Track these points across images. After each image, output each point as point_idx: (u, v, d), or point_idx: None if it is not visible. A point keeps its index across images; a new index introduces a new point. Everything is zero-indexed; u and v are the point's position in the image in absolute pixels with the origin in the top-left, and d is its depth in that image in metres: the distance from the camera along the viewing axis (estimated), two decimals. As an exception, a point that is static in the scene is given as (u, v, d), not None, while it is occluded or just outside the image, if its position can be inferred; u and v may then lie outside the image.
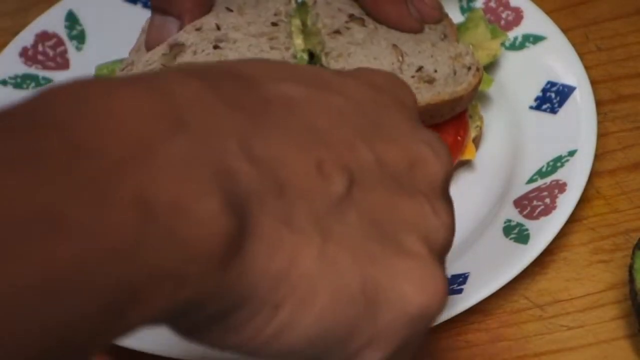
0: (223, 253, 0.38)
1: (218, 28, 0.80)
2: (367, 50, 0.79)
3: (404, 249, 0.44)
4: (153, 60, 0.78)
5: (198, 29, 0.80)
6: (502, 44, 0.85)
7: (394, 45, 0.80)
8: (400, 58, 0.79)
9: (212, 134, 0.40)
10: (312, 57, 0.82)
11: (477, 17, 0.85)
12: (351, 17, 0.82)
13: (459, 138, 0.78)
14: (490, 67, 0.85)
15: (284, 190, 0.41)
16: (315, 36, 0.82)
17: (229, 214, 0.38)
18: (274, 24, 0.80)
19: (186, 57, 0.77)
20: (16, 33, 0.89)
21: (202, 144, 0.39)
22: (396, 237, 0.44)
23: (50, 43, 0.89)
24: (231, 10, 0.81)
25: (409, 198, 0.45)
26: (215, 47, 0.78)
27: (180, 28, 0.79)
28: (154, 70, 0.44)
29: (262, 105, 0.43)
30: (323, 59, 0.79)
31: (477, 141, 0.82)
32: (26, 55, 0.88)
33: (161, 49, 0.79)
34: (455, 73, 0.78)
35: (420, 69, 0.78)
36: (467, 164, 0.81)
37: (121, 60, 0.81)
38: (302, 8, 0.84)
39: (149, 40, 0.80)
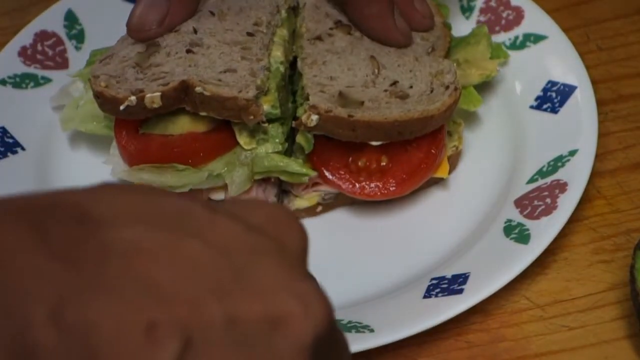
0: None
1: (195, 32, 0.79)
2: (343, 60, 0.79)
3: None
4: (129, 57, 0.78)
5: (176, 31, 0.80)
6: (501, 54, 0.85)
7: (372, 57, 0.79)
8: (376, 71, 0.78)
9: (19, 300, 0.38)
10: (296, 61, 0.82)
11: (481, 34, 0.84)
12: (338, 23, 0.82)
13: (432, 151, 0.77)
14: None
15: (95, 357, 0.38)
16: (300, 39, 0.82)
17: None
18: (250, 34, 0.79)
19: (160, 58, 0.77)
20: (15, 32, 0.89)
21: (2, 314, 0.37)
22: None
23: (49, 42, 0.89)
24: (213, 14, 0.81)
25: None
26: (188, 51, 0.78)
27: (168, 9, 0.79)
28: None
29: (98, 256, 0.40)
30: (299, 63, 0.79)
31: (453, 161, 0.81)
32: (25, 54, 0.88)
33: (137, 47, 0.79)
34: (432, 91, 0.77)
35: (394, 83, 0.77)
36: (439, 182, 0.80)
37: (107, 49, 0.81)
38: (291, 16, 0.83)
39: (136, 18, 0.79)
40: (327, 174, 0.77)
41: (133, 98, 0.74)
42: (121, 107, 0.74)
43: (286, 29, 0.82)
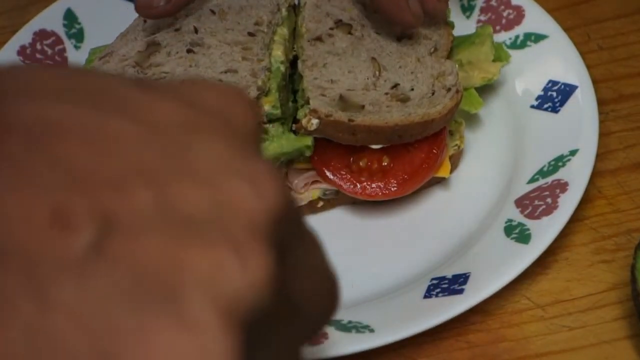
0: None
1: (196, 31, 0.79)
2: (343, 62, 0.79)
3: (179, 317, 0.32)
4: (129, 55, 0.78)
5: (177, 30, 0.79)
6: (503, 55, 0.84)
7: (373, 59, 0.79)
8: (377, 73, 0.78)
9: None
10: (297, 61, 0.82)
11: (485, 34, 0.84)
12: (338, 23, 0.82)
13: (431, 155, 0.77)
14: (491, 66, 0.84)
15: None
16: (300, 38, 0.82)
17: None
18: (251, 34, 0.79)
19: (160, 58, 0.77)
20: (14, 32, 0.89)
21: None
22: (173, 300, 0.32)
23: (48, 41, 0.89)
24: (214, 13, 0.81)
25: (203, 247, 0.33)
26: (189, 50, 0.78)
27: None
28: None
29: (1, 134, 0.34)
30: (299, 65, 0.79)
31: (455, 160, 0.81)
32: (24, 54, 0.88)
33: (137, 45, 0.79)
34: (433, 93, 0.77)
35: (395, 86, 0.77)
36: (441, 181, 0.80)
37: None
38: (292, 14, 0.83)
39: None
40: (328, 174, 0.77)
41: None
42: None
43: (286, 28, 0.82)
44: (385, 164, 0.77)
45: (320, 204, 0.79)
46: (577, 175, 0.75)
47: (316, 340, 0.68)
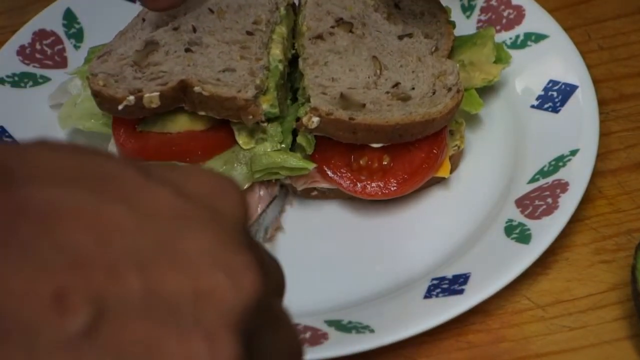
0: None
1: (194, 30, 0.79)
2: (345, 60, 0.78)
3: None
4: (127, 54, 0.78)
5: (175, 29, 0.79)
6: (503, 56, 0.84)
7: (374, 58, 0.79)
8: (378, 72, 0.78)
9: None
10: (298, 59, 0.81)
11: (488, 36, 0.84)
12: (339, 21, 0.82)
13: (434, 151, 0.77)
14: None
15: None
16: (301, 37, 0.82)
17: None
18: (249, 33, 0.79)
19: (158, 57, 0.77)
20: (14, 31, 0.89)
21: None
22: None
23: (48, 41, 0.89)
24: (212, 12, 0.81)
25: (179, 336, 0.37)
26: (187, 50, 0.77)
27: None
28: None
29: (11, 217, 0.37)
30: (300, 63, 0.78)
31: (455, 160, 0.81)
32: (24, 53, 0.88)
33: (136, 44, 0.79)
34: (434, 92, 0.76)
35: (396, 85, 0.77)
36: (440, 181, 0.80)
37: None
38: (290, 13, 0.83)
39: None
40: (328, 172, 0.77)
41: (131, 97, 0.74)
42: (119, 107, 0.74)
43: (285, 27, 0.82)
44: (386, 163, 0.76)
45: (314, 192, 0.79)
46: (578, 175, 0.75)
47: (316, 340, 0.67)
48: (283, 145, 0.76)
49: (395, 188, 0.76)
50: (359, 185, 0.77)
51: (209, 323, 0.38)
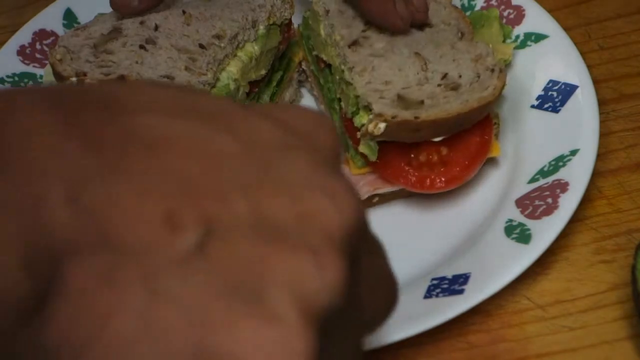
0: (19, 311, 0.37)
1: (156, 28, 0.79)
2: (389, 61, 0.78)
3: (265, 312, 0.37)
4: (93, 37, 0.79)
5: (142, 22, 0.80)
6: (507, 33, 0.85)
7: (416, 54, 0.79)
8: (424, 66, 0.78)
9: (36, 177, 0.37)
10: (330, 68, 0.81)
11: (492, 17, 0.84)
12: (368, 24, 0.81)
13: (485, 137, 0.78)
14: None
15: (110, 243, 0.37)
16: (332, 48, 0.81)
17: (25, 270, 0.37)
18: (202, 46, 0.78)
19: (115, 45, 0.78)
20: (14, 31, 0.89)
21: (17, 189, 0.37)
22: (261, 297, 0.38)
23: (48, 41, 0.89)
24: (184, 14, 0.81)
25: (287, 252, 0.39)
26: (141, 46, 0.78)
27: None
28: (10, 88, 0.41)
29: (121, 142, 0.39)
30: (346, 73, 0.78)
31: (496, 137, 0.81)
32: (24, 53, 0.88)
33: (103, 28, 0.79)
34: (479, 77, 0.77)
35: (445, 76, 0.77)
36: (492, 161, 0.81)
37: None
38: (275, 33, 0.82)
39: None
40: (392, 175, 0.77)
41: (74, 79, 0.75)
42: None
43: (259, 47, 0.80)
44: (445, 154, 0.77)
45: (376, 199, 0.80)
46: (578, 175, 0.75)
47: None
48: None
49: (460, 176, 0.77)
50: (427, 180, 0.77)
51: (315, 243, 0.39)
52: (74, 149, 0.38)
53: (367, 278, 0.44)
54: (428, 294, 0.71)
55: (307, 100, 0.89)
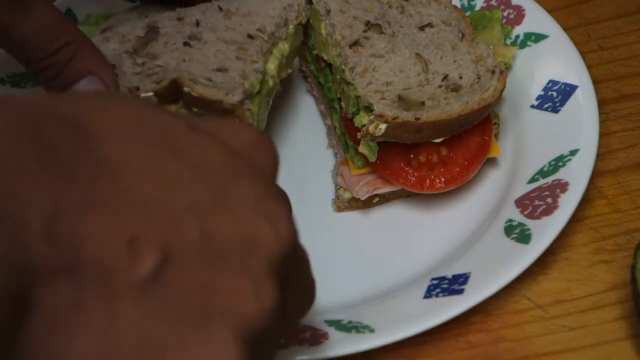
0: (2, 327, 0.40)
1: (197, 24, 0.79)
2: (390, 62, 0.78)
3: (207, 334, 0.43)
4: (128, 38, 0.78)
5: (179, 19, 0.79)
6: (507, 34, 0.85)
7: (417, 55, 0.79)
8: (425, 67, 0.78)
9: (16, 205, 0.40)
10: (330, 68, 0.81)
11: (495, 19, 0.84)
12: (368, 24, 0.82)
13: (485, 138, 0.78)
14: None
15: (79, 269, 0.41)
16: (333, 47, 0.81)
17: (8, 292, 0.39)
18: (250, 37, 0.78)
19: (157, 47, 0.77)
20: (14, 31, 0.89)
21: (3, 218, 0.40)
22: (205, 319, 0.43)
23: (48, 41, 0.89)
24: (221, 10, 0.81)
25: (230, 278, 0.44)
26: (186, 43, 0.77)
27: None
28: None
29: (92, 172, 0.43)
30: (347, 74, 0.78)
31: (495, 138, 0.81)
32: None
33: (139, 28, 0.79)
34: (479, 78, 0.77)
35: (446, 77, 0.77)
36: (492, 161, 0.81)
37: (106, 18, 0.81)
38: (299, 33, 0.82)
39: None
40: (392, 176, 0.77)
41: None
42: None
43: (289, 45, 0.81)
44: (444, 154, 0.77)
45: (376, 199, 0.80)
46: (578, 175, 0.75)
47: (316, 340, 0.67)
48: None
49: (459, 177, 0.77)
50: (427, 181, 0.77)
51: (254, 267, 0.45)
52: (49, 179, 0.42)
53: (293, 288, 0.50)
54: (428, 294, 0.71)
55: (307, 100, 0.89)
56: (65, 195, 0.42)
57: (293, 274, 0.49)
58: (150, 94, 0.74)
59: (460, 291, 0.70)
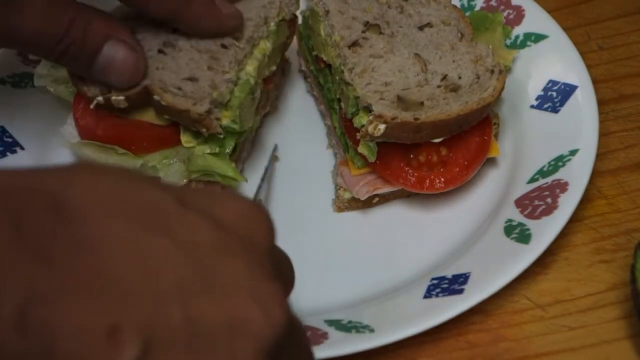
0: None
1: (174, 31, 0.78)
2: (390, 63, 0.78)
3: None
4: None
5: (157, 26, 0.79)
6: (507, 34, 0.85)
7: (416, 55, 0.79)
8: (424, 67, 0.78)
9: None
10: (330, 68, 0.81)
11: (496, 21, 0.84)
12: (367, 25, 0.82)
13: (485, 138, 0.78)
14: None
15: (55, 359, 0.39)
16: (332, 48, 0.81)
17: None
18: (224, 46, 0.78)
19: None
20: (14, 31, 0.89)
21: None
22: None
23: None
24: None
25: None
26: (160, 51, 0.77)
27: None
28: None
29: (70, 251, 0.40)
30: (346, 74, 0.78)
31: (495, 138, 0.81)
32: (24, 54, 0.88)
33: None
34: (478, 78, 0.77)
35: (445, 77, 0.77)
36: (492, 161, 0.81)
37: None
38: (283, 28, 0.82)
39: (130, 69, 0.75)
40: (391, 176, 0.77)
41: (101, 98, 0.74)
42: (91, 105, 0.74)
43: (271, 43, 0.80)
44: (444, 154, 0.77)
45: (376, 199, 0.80)
46: (577, 175, 0.75)
47: (316, 340, 0.68)
48: (220, 150, 0.76)
49: (459, 177, 0.77)
50: (427, 181, 0.77)
51: (241, 354, 0.42)
52: (25, 262, 0.39)
53: None
54: (428, 294, 0.71)
55: (307, 100, 0.89)
56: (41, 279, 0.39)
57: (289, 350, 0.46)
58: (122, 97, 0.74)
59: (460, 291, 0.70)
